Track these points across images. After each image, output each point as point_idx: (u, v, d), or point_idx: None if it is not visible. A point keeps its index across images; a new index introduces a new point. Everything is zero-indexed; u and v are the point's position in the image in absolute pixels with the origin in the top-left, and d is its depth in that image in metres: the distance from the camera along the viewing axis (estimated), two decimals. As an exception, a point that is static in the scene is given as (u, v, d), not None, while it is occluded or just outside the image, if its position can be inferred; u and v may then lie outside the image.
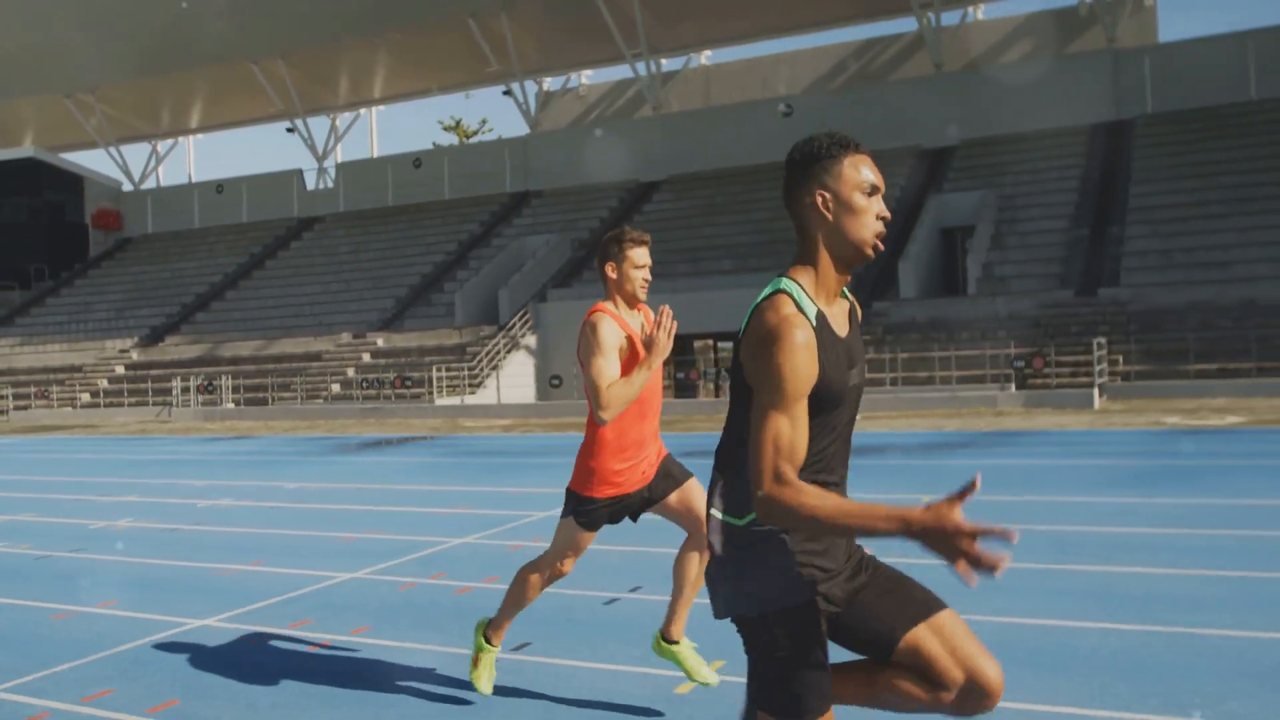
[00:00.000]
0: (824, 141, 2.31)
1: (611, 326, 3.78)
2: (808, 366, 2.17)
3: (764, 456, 2.15)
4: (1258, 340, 21.16)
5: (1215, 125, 30.91)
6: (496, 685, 4.34)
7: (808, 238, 2.32)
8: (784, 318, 2.18)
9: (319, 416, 25.86)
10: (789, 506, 2.10)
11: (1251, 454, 11.23)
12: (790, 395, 2.17)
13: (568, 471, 4.10)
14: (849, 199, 2.27)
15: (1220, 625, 4.79)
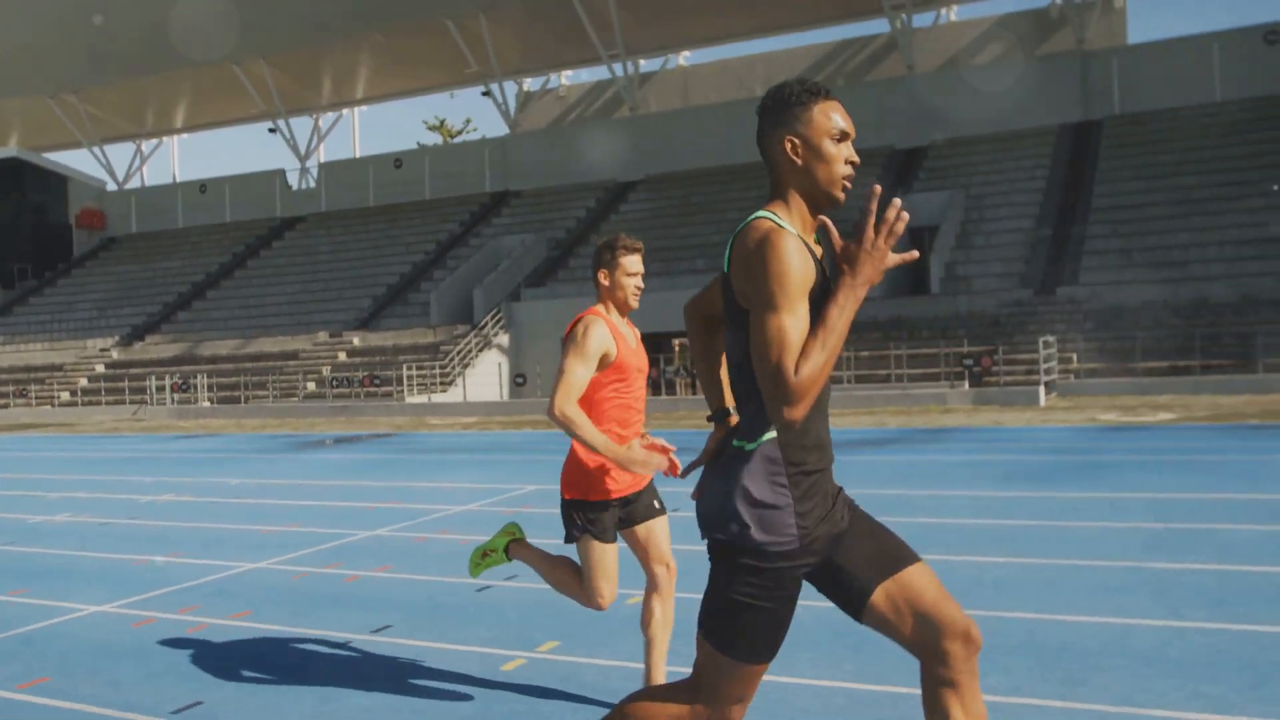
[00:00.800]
0: (795, 88, 2.35)
1: (602, 332, 3.78)
2: (803, 267, 2.20)
3: (777, 359, 2.15)
4: (1208, 339, 21.57)
5: (1180, 126, 31.34)
6: (354, 667, 4.71)
7: (779, 181, 2.37)
8: (770, 229, 2.24)
9: (290, 415, 26.22)
10: (808, 388, 2.13)
11: (1160, 450, 11.61)
12: (791, 293, 2.19)
13: (510, 467, 4.44)
14: (818, 144, 2.32)
15: (1019, 609, 5.18)
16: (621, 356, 3.83)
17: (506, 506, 9.47)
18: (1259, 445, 11.70)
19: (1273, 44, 31.98)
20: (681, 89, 42.25)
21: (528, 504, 9.57)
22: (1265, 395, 18.52)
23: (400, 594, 6.20)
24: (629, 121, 40.03)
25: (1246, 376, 19.71)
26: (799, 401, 2.13)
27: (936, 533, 7.25)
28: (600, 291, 3.92)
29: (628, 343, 3.90)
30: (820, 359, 2.14)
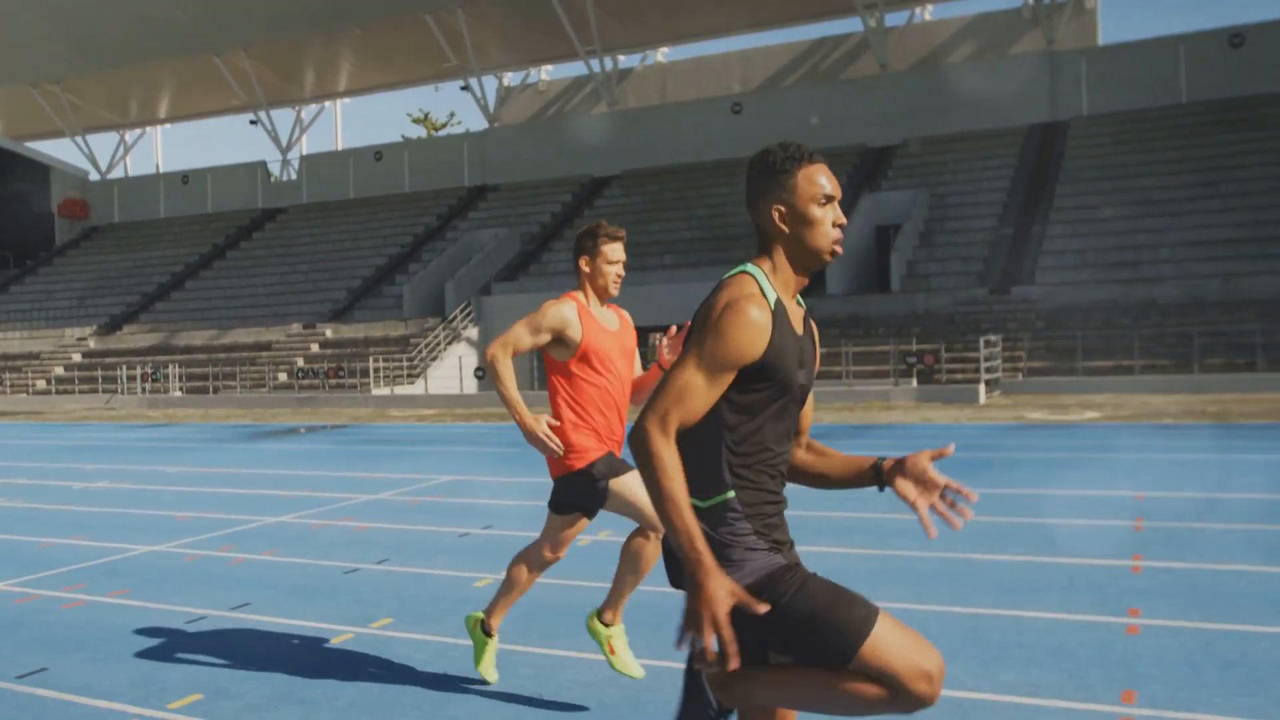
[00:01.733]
0: (779, 155, 2.38)
1: (565, 311, 3.87)
2: (750, 342, 2.23)
3: (665, 397, 2.22)
4: (1152, 339, 21.99)
5: (1145, 127, 31.72)
6: (191, 640, 5.11)
7: (768, 244, 2.40)
8: (745, 294, 2.27)
9: (257, 405, 26.61)
10: (654, 451, 2.18)
11: (1059, 448, 12.02)
12: (719, 358, 2.23)
13: (439, 458, 4.81)
14: (804, 211, 2.35)
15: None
16: (590, 341, 3.88)
17: (414, 496, 9.87)
18: (1158, 444, 12.11)
19: (1237, 47, 32.35)
20: (660, 85, 42.59)
21: (434, 494, 9.97)
22: (1196, 395, 18.96)
23: (271, 576, 6.60)
24: (607, 117, 40.36)
25: (1183, 377, 20.13)
26: (636, 442, 2.21)
27: (806, 524, 7.65)
28: (581, 278, 3.99)
29: (602, 327, 3.95)
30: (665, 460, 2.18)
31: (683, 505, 2.16)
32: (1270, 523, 7.10)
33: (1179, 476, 9.42)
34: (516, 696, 4.14)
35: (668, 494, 2.16)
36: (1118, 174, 29.66)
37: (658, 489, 2.17)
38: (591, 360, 3.90)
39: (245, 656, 4.79)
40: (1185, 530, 6.96)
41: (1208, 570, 5.83)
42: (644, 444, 2.19)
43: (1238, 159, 28.69)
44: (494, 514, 8.64)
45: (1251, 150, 28.92)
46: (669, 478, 2.17)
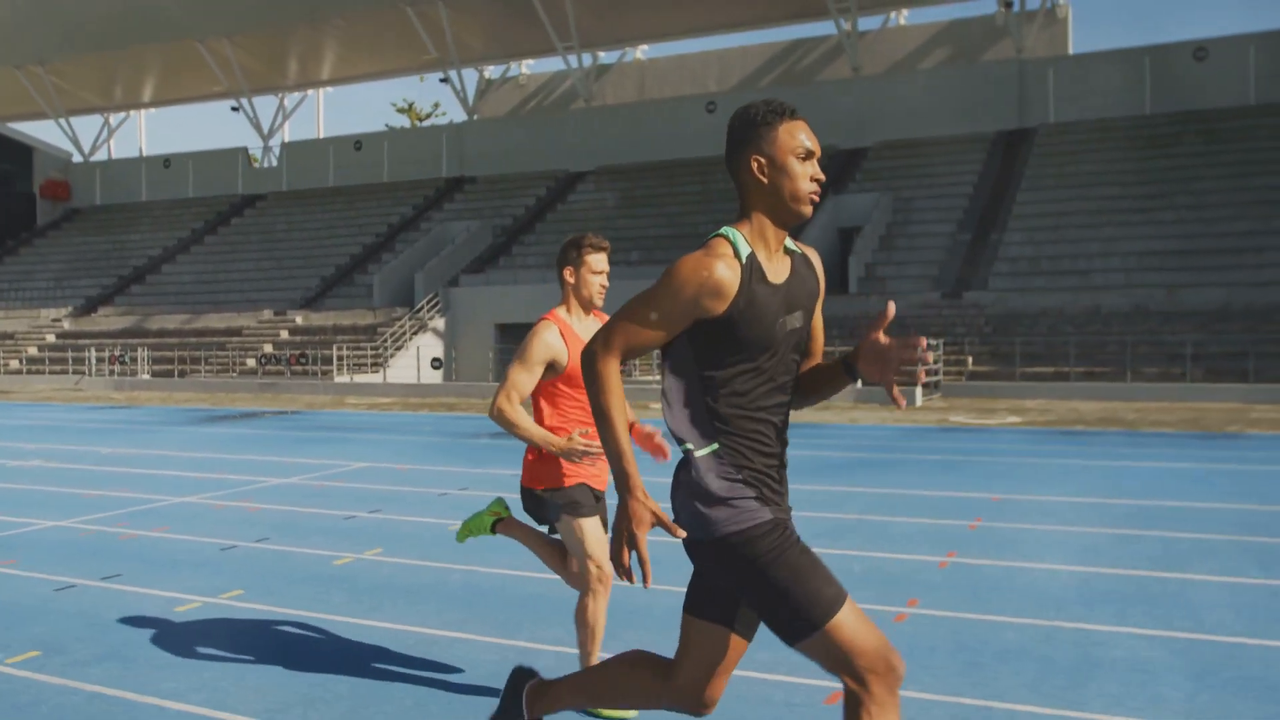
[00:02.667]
0: (760, 109, 2.44)
1: (549, 340, 3.85)
2: (701, 299, 2.34)
3: (615, 324, 2.39)
4: (1096, 346, 22.49)
5: (1109, 137, 32.20)
6: (49, 604, 5.56)
7: (746, 199, 2.46)
8: (715, 252, 2.37)
9: (220, 390, 27.02)
10: (598, 370, 2.36)
11: (955, 451, 12.50)
12: (665, 308, 2.36)
13: (366, 445, 5.21)
14: (784, 163, 2.40)
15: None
16: (573, 364, 3.87)
17: (322, 481, 10.31)
18: (1054, 449, 12.58)
19: (1201, 60, 32.86)
20: (638, 82, 42.99)
21: (342, 479, 10.41)
22: (1127, 402, 19.45)
23: (151, 550, 7.04)
24: (584, 112, 40.76)
25: (1118, 384, 20.64)
26: (588, 362, 2.39)
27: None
28: (565, 289, 3.97)
29: (584, 341, 3.90)
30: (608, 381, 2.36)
31: (617, 423, 2.30)
32: (1097, 526, 7.57)
33: (1049, 481, 9.89)
34: (393, 674, 4.59)
35: (603, 410, 2.32)
36: (1078, 182, 30.16)
37: (596, 403, 2.33)
38: (576, 379, 3.89)
39: (91, 620, 5.23)
40: (1015, 531, 7.42)
41: (1013, 568, 6.29)
42: (590, 363, 2.37)
43: (1194, 171, 29.20)
44: (388, 499, 9.08)
45: (1208, 163, 29.44)
46: (607, 394, 2.32)
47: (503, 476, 10.40)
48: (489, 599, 5.61)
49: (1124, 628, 4.92)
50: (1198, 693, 4.03)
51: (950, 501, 8.69)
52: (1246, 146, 29.70)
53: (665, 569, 4.82)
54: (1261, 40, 32.40)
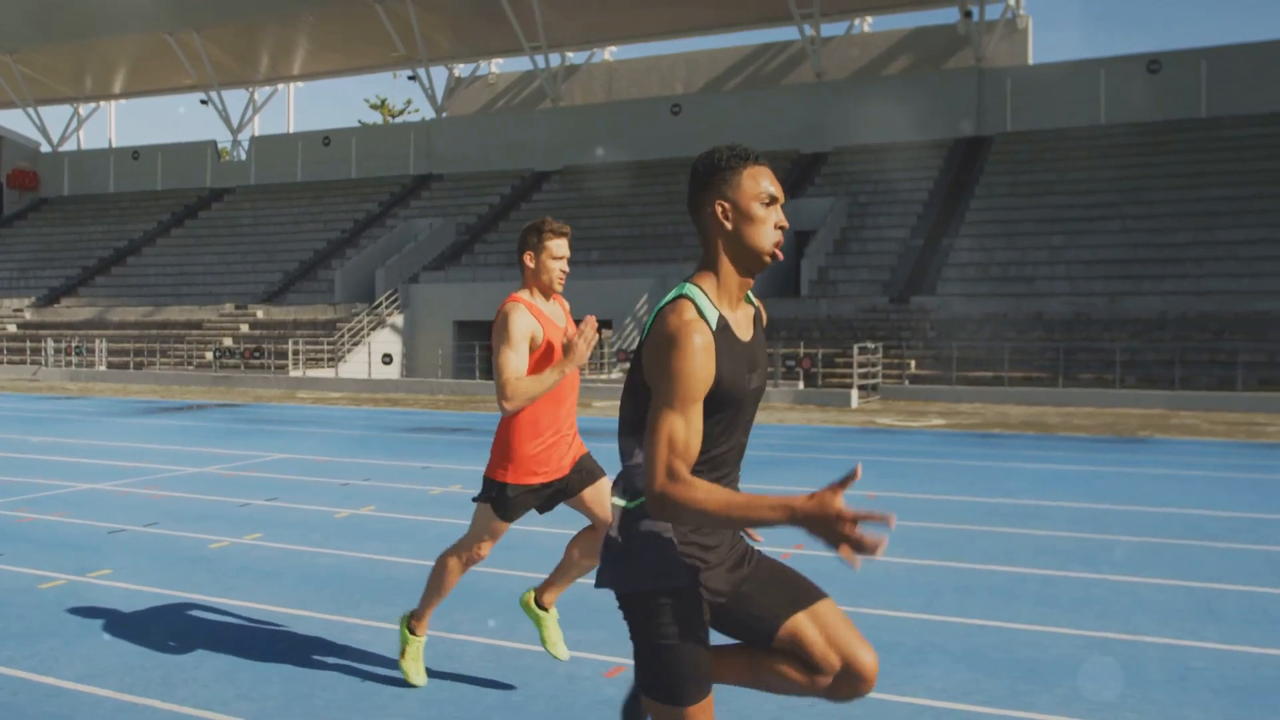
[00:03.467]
0: (724, 154, 2.42)
1: (524, 318, 3.87)
2: (704, 369, 2.25)
3: (658, 454, 2.22)
4: (1036, 352, 22.93)
5: (1064, 146, 32.69)
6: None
7: (710, 245, 2.42)
8: (685, 322, 2.27)
9: (175, 383, 27.18)
10: (680, 502, 2.18)
11: (868, 451, 12.87)
12: (685, 396, 2.24)
13: (292, 438, 5.48)
14: (747, 209, 2.37)
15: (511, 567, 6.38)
16: (548, 338, 3.92)
17: (235, 471, 10.58)
18: (959, 451, 12.97)
19: (1155, 73, 33.42)
20: (606, 83, 43.30)
21: (255, 469, 10.69)
22: (1060, 407, 19.89)
23: (42, 532, 7.31)
24: (550, 113, 41.05)
25: (1053, 389, 21.08)
26: (661, 507, 2.21)
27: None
28: (525, 274, 3.99)
29: (553, 323, 3.98)
30: (702, 506, 2.18)
31: (733, 502, 2.16)
32: (953, 522, 7.93)
33: (934, 480, 10.25)
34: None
35: (720, 514, 2.17)
36: (1030, 191, 30.65)
37: (715, 517, 2.17)
38: (552, 357, 3.94)
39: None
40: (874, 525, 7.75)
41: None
42: (670, 507, 2.20)
43: (1144, 181, 29.73)
44: (290, 488, 9.37)
45: (1158, 174, 29.97)
46: (712, 503, 2.17)
47: (410, 469, 10.69)
48: (344, 582, 5.91)
49: (936, 616, 5.27)
50: (960, 671, 4.38)
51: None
52: (1195, 159, 30.26)
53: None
54: (1212, 55, 32.99)
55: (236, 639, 4.77)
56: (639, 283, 28.64)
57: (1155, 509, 8.47)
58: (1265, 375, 20.93)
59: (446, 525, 7.56)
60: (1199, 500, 8.95)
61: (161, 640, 4.74)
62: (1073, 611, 5.32)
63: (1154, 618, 5.21)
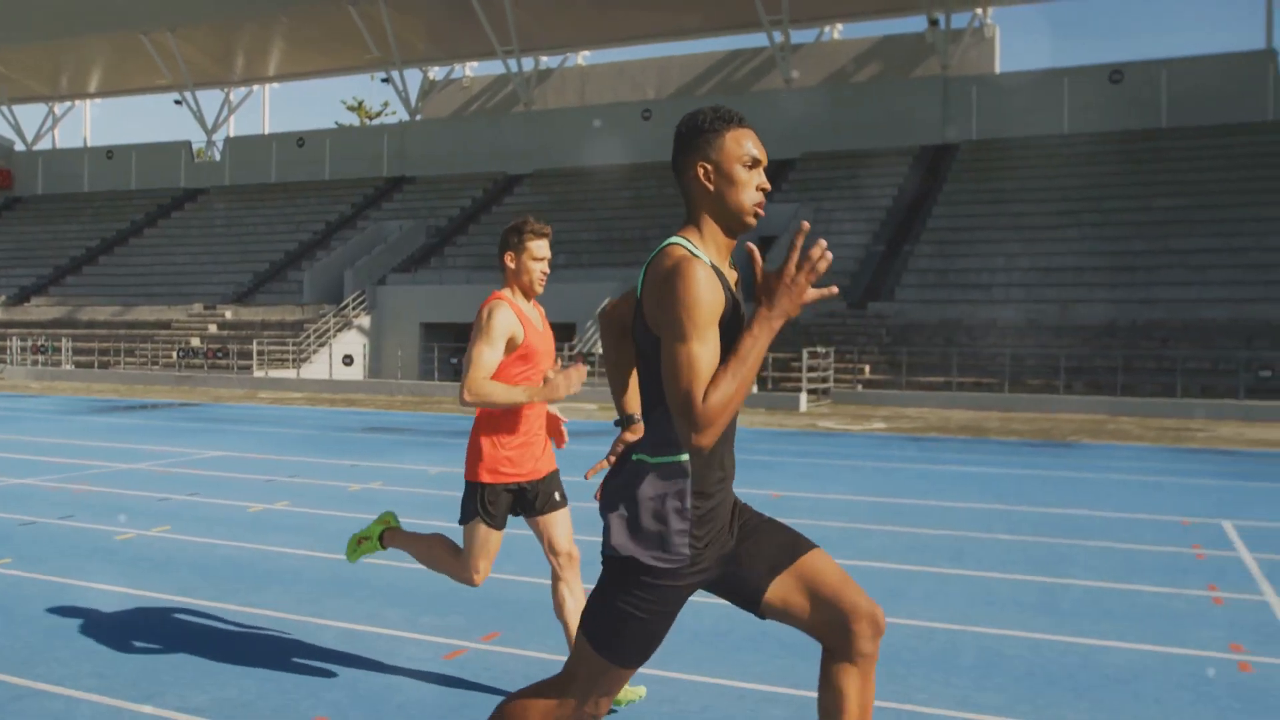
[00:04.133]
0: (708, 115, 2.42)
1: (507, 316, 3.84)
2: (713, 293, 2.25)
3: (682, 384, 2.21)
4: (988, 358, 23.29)
5: (1027, 155, 33.12)
6: None
7: (693, 206, 2.43)
8: (682, 256, 2.29)
9: (139, 382, 27.35)
10: (721, 415, 2.20)
11: (795, 454, 13.18)
12: (701, 322, 2.23)
13: (232, 436, 5.68)
14: (730, 171, 2.38)
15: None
16: (528, 340, 3.90)
17: (166, 467, 10.82)
18: (885, 454, 13.29)
19: (1117, 83, 33.89)
20: (579, 87, 43.59)
21: (186, 466, 10.92)
22: (1005, 411, 20.25)
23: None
24: (523, 116, 41.31)
25: (1001, 395, 21.45)
26: (709, 428, 2.19)
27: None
28: (506, 275, 3.97)
29: (534, 326, 3.97)
30: (731, 387, 2.19)
31: (747, 355, 2.22)
32: (841, 520, 8.22)
33: (840, 481, 10.56)
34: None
35: (752, 376, 2.24)
36: (992, 198, 31.06)
37: (746, 385, 2.23)
38: (528, 358, 3.92)
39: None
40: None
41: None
42: (718, 419, 2.20)
43: (1103, 190, 30.14)
44: (211, 484, 9.61)
45: (1116, 183, 30.38)
46: (743, 379, 2.22)
47: (338, 467, 10.94)
48: (232, 570, 6.17)
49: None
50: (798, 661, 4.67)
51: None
52: (1153, 168, 30.71)
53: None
54: (1173, 66, 33.47)
55: (112, 623, 5.02)
56: (602, 286, 28.89)
57: (1039, 509, 8.79)
58: (1206, 382, 21.35)
59: (352, 520, 7.82)
60: (1090, 501, 9.27)
61: (36, 623, 4.98)
62: (918, 604, 5.60)
63: (991, 610, 5.51)
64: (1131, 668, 4.56)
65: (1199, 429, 17.12)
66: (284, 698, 4.03)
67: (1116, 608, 5.58)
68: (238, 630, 4.93)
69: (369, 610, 5.31)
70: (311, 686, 4.16)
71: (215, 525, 7.59)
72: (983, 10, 37.77)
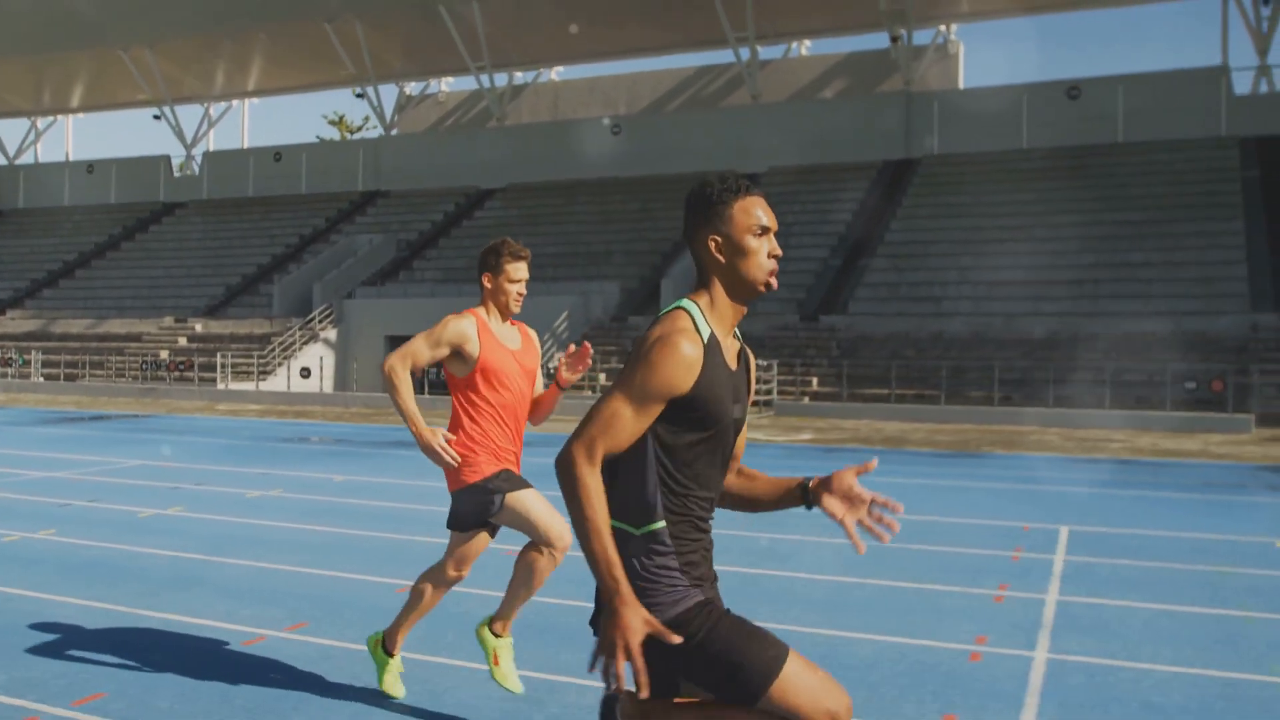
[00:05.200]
0: (716, 187, 2.46)
1: (463, 325, 3.91)
2: (679, 376, 2.27)
3: (593, 425, 2.27)
4: (931, 371, 23.77)
5: (985, 169, 33.67)
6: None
7: (705, 274, 2.45)
8: (677, 329, 2.32)
9: (104, 394, 27.80)
10: (579, 478, 2.23)
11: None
12: (646, 392, 2.26)
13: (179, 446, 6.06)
14: (740, 242, 2.40)
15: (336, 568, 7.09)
16: (487, 357, 3.91)
17: (83, 475, 11.26)
18: (794, 464, 13.76)
19: (1074, 99, 34.48)
20: (552, 103, 44.15)
21: (104, 475, 11.37)
22: (939, 424, 20.72)
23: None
24: (496, 131, 41.87)
25: (935, 407, 21.95)
26: (564, 470, 2.26)
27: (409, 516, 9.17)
28: (483, 294, 4.03)
29: (500, 344, 3.99)
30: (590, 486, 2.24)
31: (603, 532, 2.23)
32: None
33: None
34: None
35: (589, 520, 2.22)
36: (949, 213, 31.58)
37: (580, 515, 2.23)
38: (490, 377, 3.94)
39: None
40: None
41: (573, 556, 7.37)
42: (569, 470, 2.25)
43: (1058, 205, 30.67)
44: (115, 491, 10.05)
45: (1071, 197, 30.88)
46: (591, 505, 2.22)
47: (247, 475, 11.38)
48: (95, 570, 6.62)
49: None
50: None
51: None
52: (1108, 182, 31.20)
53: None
54: (1129, 82, 34.06)
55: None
56: (560, 300, 29.39)
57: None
58: (1141, 394, 21.84)
59: (237, 524, 8.27)
60: (944, 509, 9.73)
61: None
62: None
63: (778, 608, 5.97)
64: (869, 658, 5.00)
65: (1124, 440, 17.59)
66: (73, 678, 4.47)
67: (899, 605, 6.03)
68: (64, 623, 5.38)
69: (202, 603, 5.75)
70: (102, 669, 4.61)
71: (99, 528, 8.04)
72: (946, 27, 38.42)
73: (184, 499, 9.60)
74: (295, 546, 7.49)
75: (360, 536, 7.85)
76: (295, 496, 9.98)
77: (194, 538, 7.73)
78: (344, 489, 10.46)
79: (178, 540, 7.63)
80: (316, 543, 7.68)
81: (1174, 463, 14.20)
